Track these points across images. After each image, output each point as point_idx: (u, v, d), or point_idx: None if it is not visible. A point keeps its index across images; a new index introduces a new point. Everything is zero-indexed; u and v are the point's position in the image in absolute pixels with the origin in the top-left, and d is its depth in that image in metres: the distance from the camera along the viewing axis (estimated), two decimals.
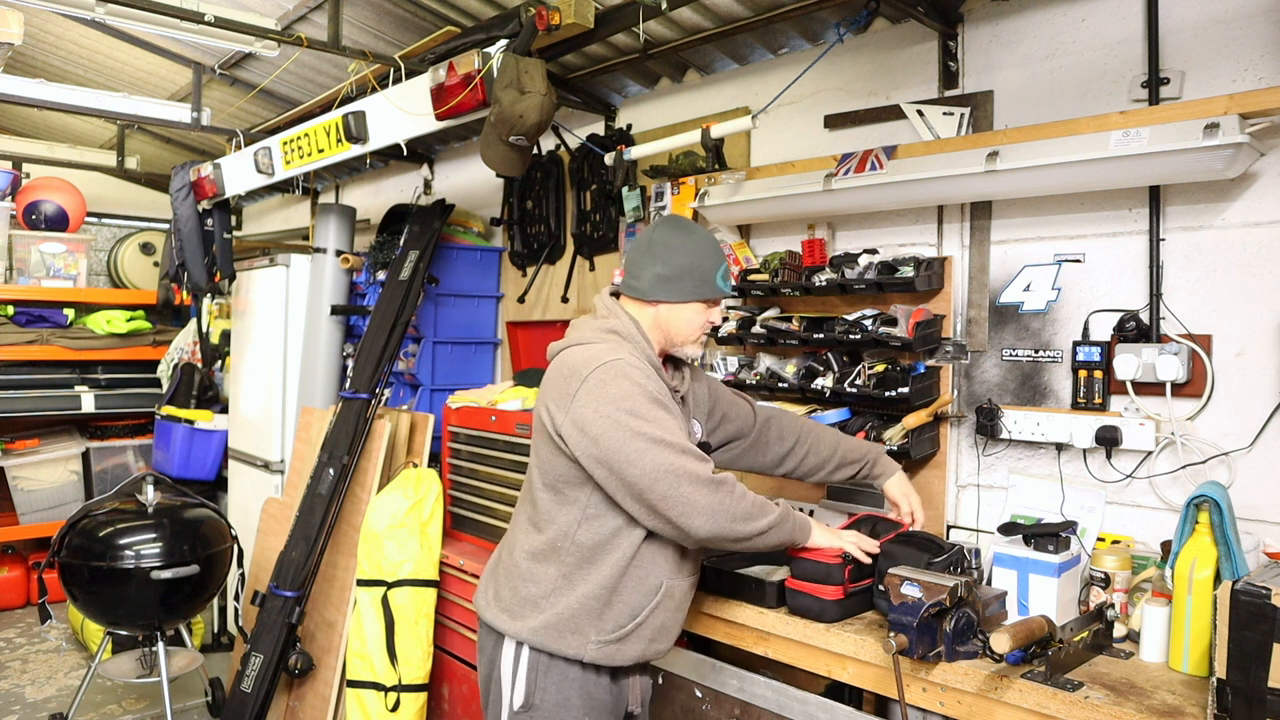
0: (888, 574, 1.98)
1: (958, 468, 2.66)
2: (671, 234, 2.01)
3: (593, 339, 1.96)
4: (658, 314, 2.00)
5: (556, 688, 1.90)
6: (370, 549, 3.28)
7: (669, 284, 1.98)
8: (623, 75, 3.61)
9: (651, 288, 1.99)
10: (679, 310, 2.00)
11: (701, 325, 2.03)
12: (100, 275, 6.21)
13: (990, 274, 2.61)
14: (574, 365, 1.90)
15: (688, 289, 1.98)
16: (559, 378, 1.92)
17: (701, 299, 2.01)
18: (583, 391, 1.84)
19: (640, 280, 2.00)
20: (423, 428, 3.68)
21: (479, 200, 4.54)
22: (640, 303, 2.01)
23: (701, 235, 2.03)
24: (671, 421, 1.86)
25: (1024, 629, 1.83)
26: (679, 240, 1.99)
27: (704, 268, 1.99)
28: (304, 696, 3.50)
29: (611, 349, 1.92)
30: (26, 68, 4.99)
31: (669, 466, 1.79)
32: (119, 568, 3.29)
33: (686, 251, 1.98)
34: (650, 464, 1.78)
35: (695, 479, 1.81)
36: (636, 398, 1.83)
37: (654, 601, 1.94)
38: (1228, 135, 1.99)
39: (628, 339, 1.96)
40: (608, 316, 2.01)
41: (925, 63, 2.78)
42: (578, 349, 1.95)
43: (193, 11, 3.17)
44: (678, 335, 2.02)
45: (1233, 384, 2.18)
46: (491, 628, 1.99)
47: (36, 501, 5.59)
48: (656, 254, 1.99)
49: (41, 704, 4.05)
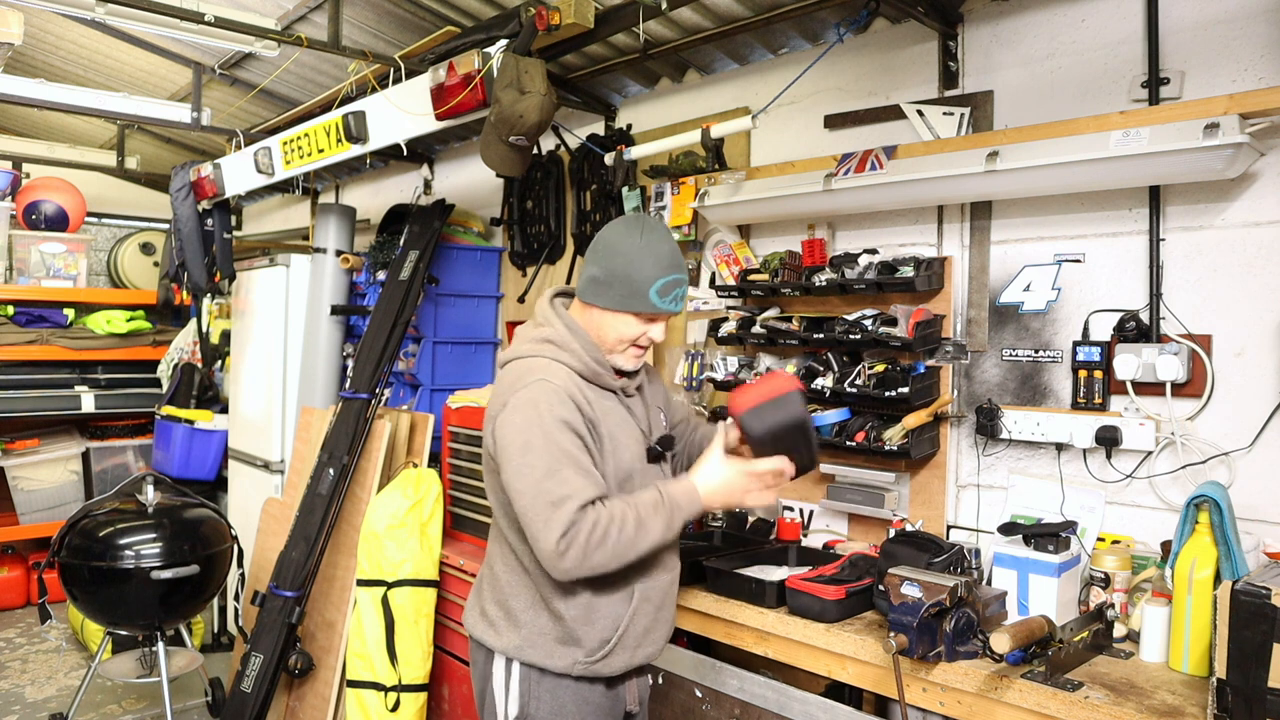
0: (888, 574, 1.98)
1: (958, 468, 2.66)
2: (617, 235, 1.88)
3: (527, 351, 1.89)
4: (590, 317, 1.90)
5: (551, 696, 1.88)
6: (370, 549, 3.28)
7: (599, 287, 1.86)
8: (623, 75, 3.61)
9: (584, 288, 1.90)
10: (608, 317, 1.88)
11: (632, 338, 1.89)
12: (100, 275, 6.21)
13: (990, 274, 2.61)
14: (503, 386, 1.86)
15: (615, 297, 1.85)
16: (494, 399, 1.87)
17: (631, 311, 1.86)
18: (503, 418, 1.80)
19: (580, 280, 1.92)
20: (423, 428, 3.68)
21: (479, 200, 4.54)
22: (579, 303, 1.93)
23: (650, 242, 1.86)
24: (570, 456, 1.75)
25: (1024, 629, 1.83)
26: (622, 243, 1.86)
27: (638, 278, 1.83)
28: (304, 696, 3.50)
29: (541, 366, 1.84)
30: (26, 68, 4.99)
31: (541, 507, 1.71)
32: (119, 568, 3.29)
33: (625, 257, 1.84)
34: (529, 500, 1.73)
35: (556, 524, 1.70)
36: (541, 428, 1.75)
37: (630, 608, 1.89)
38: (1228, 135, 1.99)
39: (563, 348, 1.87)
40: (543, 324, 1.93)
41: (925, 63, 2.78)
42: (512, 366, 1.90)
43: (193, 11, 3.17)
44: (604, 343, 1.90)
45: (1233, 384, 2.18)
46: (481, 644, 1.97)
47: (36, 501, 5.59)
48: (598, 253, 1.89)
49: (41, 704, 4.05)
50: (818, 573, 2.34)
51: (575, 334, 1.89)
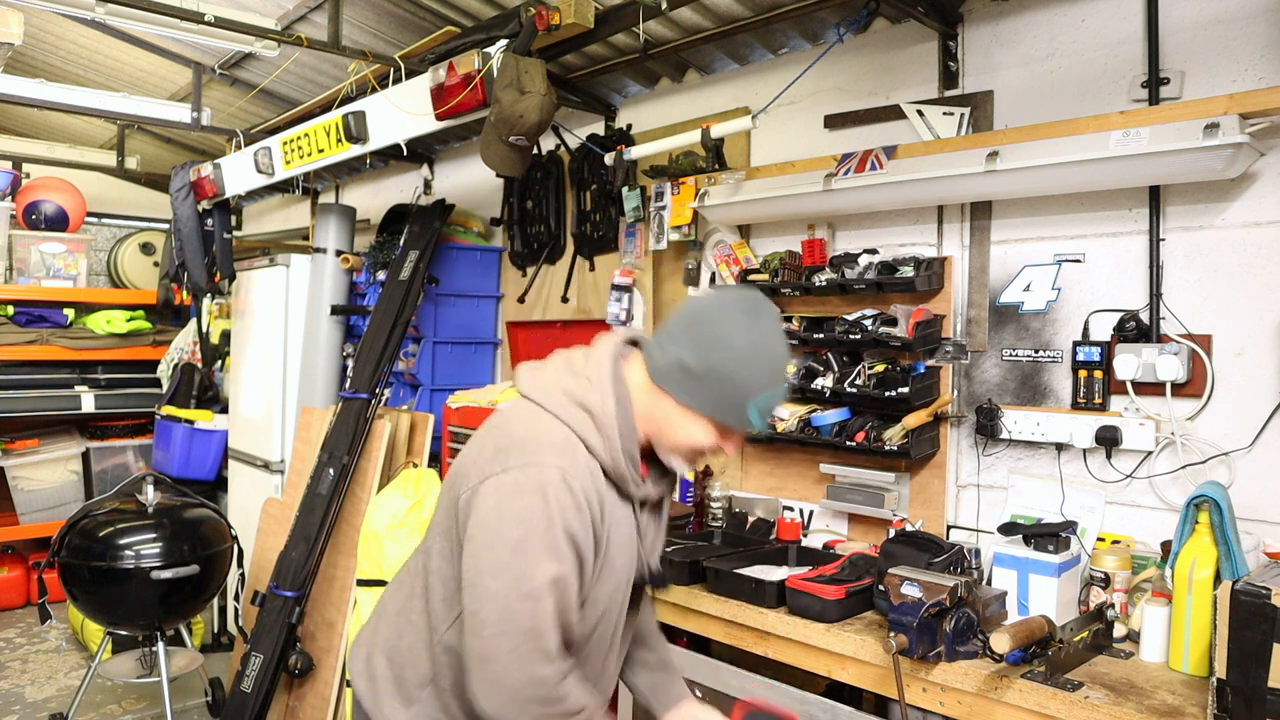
0: (888, 574, 1.98)
1: (958, 468, 2.66)
2: (728, 320, 1.43)
3: (554, 407, 1.45)
4: (659, 405, 1.48)
5: None
6: (370, 549, 3.28)
7: (687, 381, 1.44)
8: (623, 75, 3.61)
9: (665, 371, 1.46)
10: (685, 418, 1.47)
11: (702, 448, 1.50)
12: (100, 275, 6.21)
13: (990, 274, 2.61)
14: (505, 437, 1.45)
15: (706, 400, 1.44)
16: (487, 446, 1.46)
17: (718, 422, 1.47)
18: (495, 489, 1.38)
19: (661, 354, 1.47)
20: (423, 428, 3.69)
21: (479, 200, 4.54)
22: (649, 380, 1.48)
23: (767, 339, 1.45)
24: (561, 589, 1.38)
25: (1024, 629, 1.83)
26: (735, 334, 1.42)
27: (744, 386, 1.43)
28: (304, 696, 3.50)
29: (562, 440, 1.42)
30: (26, 68, 4.98)
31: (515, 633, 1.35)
32: (119, 568, 3.29)
33: (733, 354, 1.42)
34: (498, 612, 1.35)
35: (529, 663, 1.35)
36: (543, 535, 1.36)
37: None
38: (1228, 135, 1.99)
39: (601, 428, 1.44)
40: (589, 379, 1.47)
41: (925, 63, 2.78)
42: (526, 411, 1.48)
43: (193, 11, 3.17)
44: (666, 441, 1.50)
45: (1233, 384, 2.18)
46: (361, 706, 1.59)
47: (36, 501, 5.59)
48: (697, 335, 1.44)
49: (41, 704, 4.04)
50: (818, 573, 2.34)
51: (622, 417, 1.46)
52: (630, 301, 3.43)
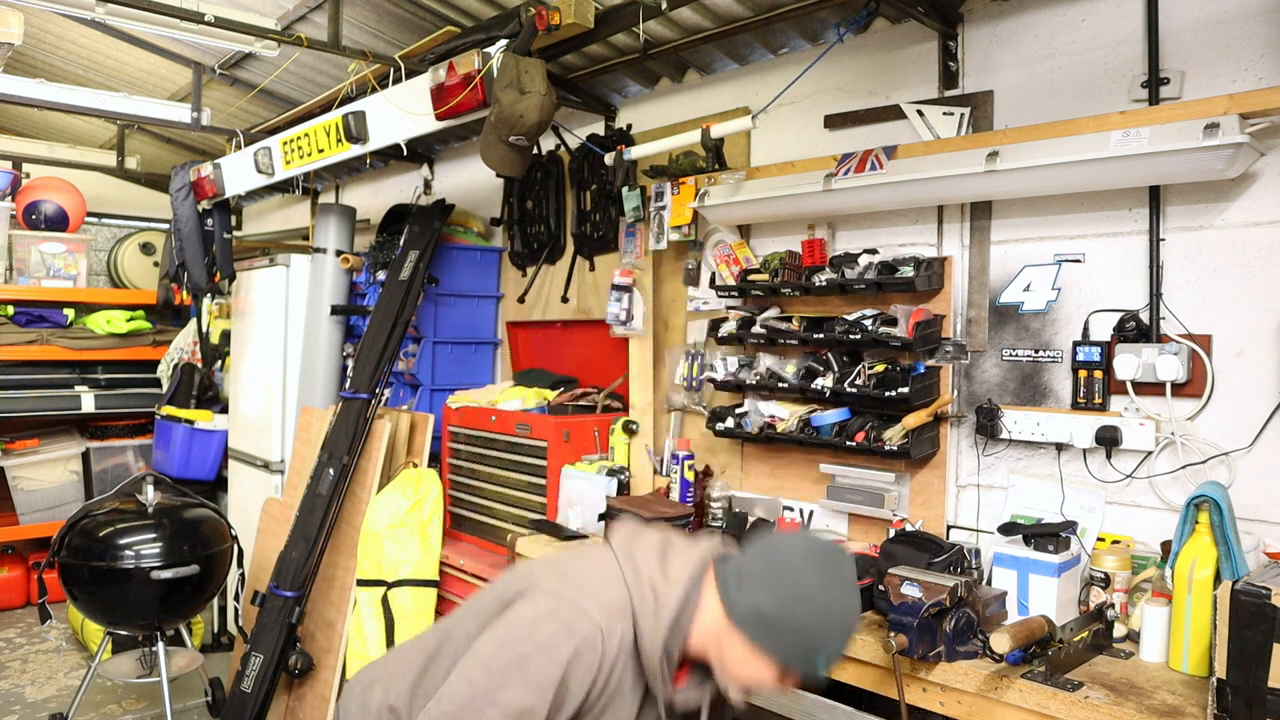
0: (888, 574, 1.98)
1: (958, 468, 2.66)
2: (810, 576, 1.49)
3: (629, 574, 1.53)
4: (727, 638, 1.50)
5: None
6: (370, 549, 3.29)
7: (763, 626, 1.47)
8: (623, 75, 3.61)
9: (744, 611, 1.49)
10: (751, 656, 1.49)
11: (758, 684, 1.53)
12: (100, 275, 6.21)
13: (990, 274, 2.61)
14: (579, 575, 1.54)
15: (778, 646, 1.48)
16: (563, 570, 1.56)
17: (781, 664, 1.49)
18: (540, 599, 1.49)
19: (740, 593, 1.50)
20: (423, 428, 3.69)
21: (479, 200, 4.54)
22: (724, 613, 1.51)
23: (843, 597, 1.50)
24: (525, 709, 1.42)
25: (1024, 629, 1.83)
26: (816, 591, 1.47)
27: (818, 641, 1.48)
28: (304, 696, 3.50)
29: (618, 609, 1.49)
30: (26, 68, 4.98)
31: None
32: (119, 568, 3.29)
33: (814, 610, 1.47)
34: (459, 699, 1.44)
35: None
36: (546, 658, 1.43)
37: None
38: (1228, 135, 1.99)
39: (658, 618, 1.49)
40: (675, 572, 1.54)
41: (925, 63, 2.78)
42: (607, 566, 1.55)
43: (193, 11, 3.17)
44: (729, 671, 1.53)
45: (1233, 384, 2.18)
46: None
47: (36, 501, 5.59)
48: (775, 580, 1.49)
49: (41, 704, 4.05)
50: None
51: (680, 622, 1.51)
52: (630, 301, 3.43)
